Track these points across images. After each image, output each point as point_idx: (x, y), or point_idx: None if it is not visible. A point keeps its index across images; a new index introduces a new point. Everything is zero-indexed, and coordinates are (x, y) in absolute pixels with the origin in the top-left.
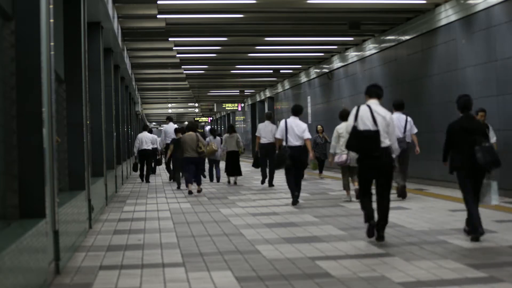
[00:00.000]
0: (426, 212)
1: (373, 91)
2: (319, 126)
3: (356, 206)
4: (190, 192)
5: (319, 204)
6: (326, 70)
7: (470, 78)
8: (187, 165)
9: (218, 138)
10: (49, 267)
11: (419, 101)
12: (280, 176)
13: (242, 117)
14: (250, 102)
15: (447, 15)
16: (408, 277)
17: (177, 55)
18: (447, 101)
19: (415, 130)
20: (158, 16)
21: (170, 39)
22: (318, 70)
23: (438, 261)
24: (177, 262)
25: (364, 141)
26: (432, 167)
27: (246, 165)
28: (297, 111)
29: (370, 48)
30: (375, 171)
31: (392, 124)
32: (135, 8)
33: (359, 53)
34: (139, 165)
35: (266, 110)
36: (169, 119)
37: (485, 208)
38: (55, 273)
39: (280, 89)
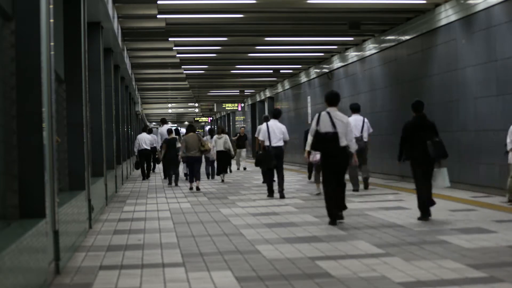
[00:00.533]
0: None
1: (332, 100)
2: None
3: (356, 206)
4: (191, 188)
5: (319, 204)
6: (326, 70)
7: (470, 78)
8: (191, 164)
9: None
10: (49, 267)
11: None
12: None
13: (242, 117)
14: (250, 102)
15: (447, 15)
16: (408, 277)
17: (177, 55)
18: (447, 101)
19: (371, 130)
20: (158, 16)
21: (170, 39)
22: (318, 70)
23: (438, 261)
24: (177, 262)
25: (325, 142)
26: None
27: (249, 165)
28: (277, 115)
29: (370, 48)
30: (334, 166)
31: (350, 127)
32: (135, 8)
33: (359, 53)
34: (140, 164)
35: (266, 110)
36: (162, 121)
37: (485, 208)
38: (55, 273)
39: (280, 89)
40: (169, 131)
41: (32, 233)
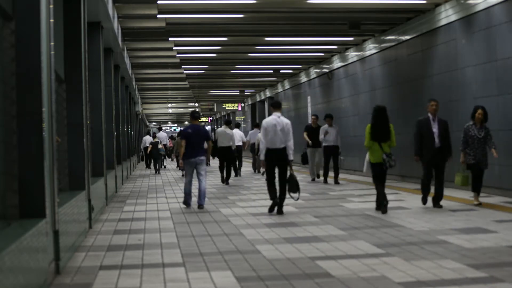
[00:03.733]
0: (426, 212)
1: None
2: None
3: (356, 206)
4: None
5: (319, 204)
6: (326, 70)
7: (470, 78)
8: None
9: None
10: (49, 267)
11: (419, 101)
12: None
13: (242, 117)
14: (250, 102)
15: (447, 15)
16: (408, 277)
17: (177, 55)
18: (447, 101)
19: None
20: (158, 16)
21: (170, 39)
22: (318, 70)
23: (438, 261)
24: (177, 262)
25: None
26: None
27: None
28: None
29: (370, 48)
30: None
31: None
32: (135, 8)
33: (359, 53)
34: (147, 160)
35: (266, 110)
36: (159, 129)
37: (485, 208)
38: (55, 273)
39: (280, 89)
40: (153, 136)
41: (32, 233)
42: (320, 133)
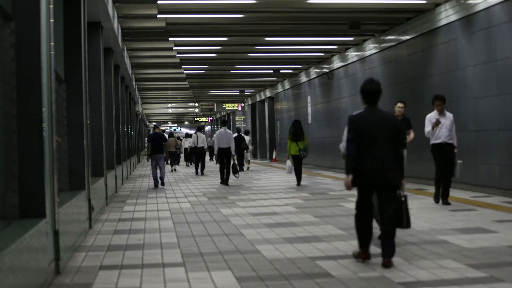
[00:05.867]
0: (426, 212)
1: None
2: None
3: None
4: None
5: (319, 204)
6: (326, 70)
7: (470, 78)
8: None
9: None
10: (49, 267)
11: (419, 101)
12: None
13: (242, 117)
14: (250, 102)
15: (447, 15)
16: (408, 277)
17: (177, 55)
18: (447, 101)
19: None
20: (158, 16)
21: (170, 39)
22: (318, 70)
23: (438, 261)
24: (177, 262)
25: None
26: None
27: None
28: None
29: (370, 48)
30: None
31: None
32: (135, 8)
33: (359, 53)
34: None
35: (266, 110)
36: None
37: (485, 208)
38: (55, 273)
39: (280, 89)
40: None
41: (32, 233)
42: (427, 124)
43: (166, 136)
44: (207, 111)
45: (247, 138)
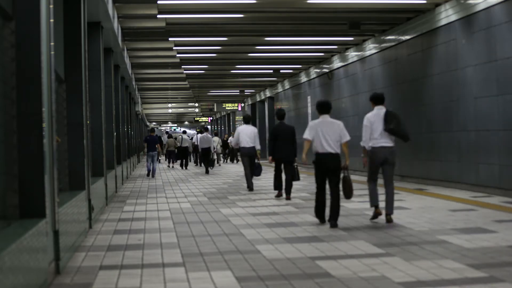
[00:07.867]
0: (426, 212)
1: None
2: None
3: (356, 206)
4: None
5: None
6: (326, 70)
7: (470, 78)
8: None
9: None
10: (49, 267)
11: (419, 101)
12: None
13: (242, 117)
14: (250, 102)
15: (447, 15)
16: (408, 277)
17: (177, 55)
18: (447, 101)
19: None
20: (158, 16)
21: (170, 39)
22: (318, 70)
23: (438, 261)
24: (177, 262)
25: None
26: (432, 167)
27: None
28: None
29: (370, 48)
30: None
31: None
32: (135, 8)
33: (359, 53)
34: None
35: (266, 110)
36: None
37: (485, 208)
38: (55, 273)
39: (280, 89)
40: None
41: (32, 233)
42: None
43: (163, 137)
44: (207, 111)
45: (216, 139)
